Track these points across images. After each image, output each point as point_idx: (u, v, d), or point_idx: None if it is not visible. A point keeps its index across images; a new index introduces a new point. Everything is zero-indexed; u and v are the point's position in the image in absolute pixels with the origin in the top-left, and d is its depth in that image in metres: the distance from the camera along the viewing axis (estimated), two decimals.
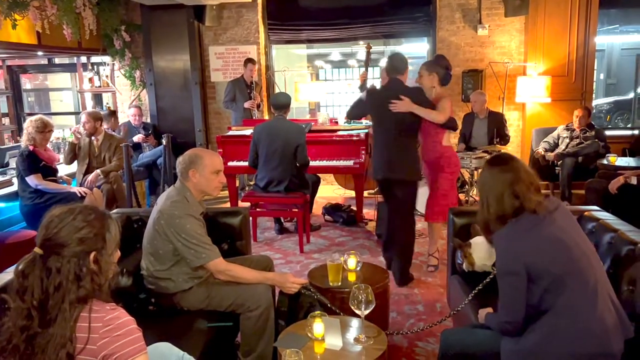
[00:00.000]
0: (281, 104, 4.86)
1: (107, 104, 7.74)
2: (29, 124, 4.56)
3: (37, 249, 1.49)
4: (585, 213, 2.88)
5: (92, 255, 1.50)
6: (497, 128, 6.06)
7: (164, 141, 5.63)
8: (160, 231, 2.57)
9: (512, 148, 6.93)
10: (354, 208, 5.73)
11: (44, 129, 4.57)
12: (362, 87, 6.70)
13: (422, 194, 5.10)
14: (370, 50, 6.86)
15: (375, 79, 10.05)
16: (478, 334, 2.17)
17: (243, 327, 2.62)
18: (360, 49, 11.87)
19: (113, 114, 6.41)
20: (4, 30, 5.09)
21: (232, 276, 2.61)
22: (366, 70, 6.84)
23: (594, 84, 8.33)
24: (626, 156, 6.17)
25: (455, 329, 2.67)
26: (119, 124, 6.56)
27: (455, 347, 2.12)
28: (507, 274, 1.93)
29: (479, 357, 2.09)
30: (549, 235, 1.93)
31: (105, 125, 6.08)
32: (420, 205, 5.72)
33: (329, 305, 2.59)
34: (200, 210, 2.69)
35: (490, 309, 2.25)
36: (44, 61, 7.88)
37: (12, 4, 4.96)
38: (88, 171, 5.17)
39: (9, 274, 2.12)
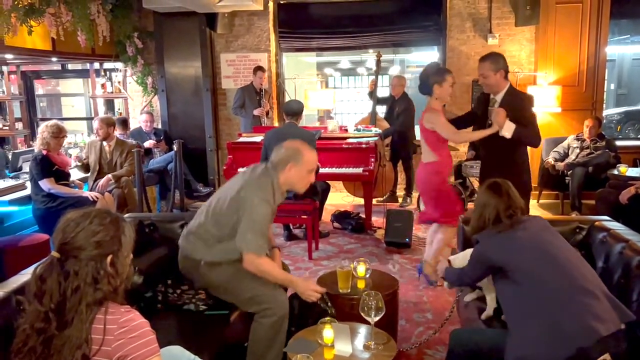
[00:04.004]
0: (293, 110, 4.89)
1: (119, 109, 7.81)
2: (44, 129, 4.62)
3: (54, 253, 1.52)
4: (596, 223, 2.88)
5: (109, 258, 1.53)
6: None
7: (174, 147, 5.67)
8: (236, 199, 2.55)
9: None
10: (363, 215, 5.74)
11: (59, 134, 4.64)
12: (372, 94, 6.77)
13: None
14: (381, 58, 6.91)
15: (384, 87, 10.08)
16: (486, 333, 2.33)
17: (253, 334, 2.59)
18: (369, 57, 11.93)
19: (124, 122, 6.47)
20: (20, 37, 5.17)
21: (261, 270, 2.56)
22: (376, 78, 6.90)
23: (605, 94, 8.30)
24: (637, 167, 6.14)
25: (464, 328, 2.71)
26: (128, 131, 6.61)
27: (464, 345, 2.23)
28: (474, 261, 2.31)
29: (486, 355, 2.17)
30: (519, 238, 2.19)
31: (117, 131, 6.16)
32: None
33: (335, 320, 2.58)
34: (280, 201, 2.70)
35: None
36: (58, 67, 7.99)
37: (29, 11, 5.04)
38: (99, 176, 5.23)
39: (22, 277, 2.15)
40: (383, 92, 7.54)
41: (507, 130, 3.50)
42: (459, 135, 3.80)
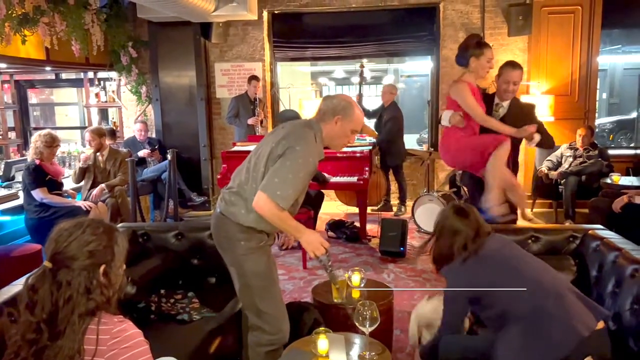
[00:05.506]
0: (287, 117, 4.91)
1: (113, 119, 7.80)
2: (37, 138, 4.60)
3: (47, 263, 1.50)
4: (589, 232, 2.89)
5: (102, 268, 1.51)
6: None
7: (168, 156, 5.66)
8: (276, 149, 2.32)
9: None
10: (358, 224, 5.73)
11: (52, 143, 4.62)
12: None
13: (429, 208, 5.12)
14: (363, 69, 6.98)
15: (377, 97, 10.12)
16: (474, 339, 2.40)
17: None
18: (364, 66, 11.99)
19: (113, 133, 6.44)
20: (14, 46, 5.16)
21: (276, 215, 2.27)
22: (360, 88, 6.93)
23: (597, 103, 8.37)
24: (629, 175, 6.18)
25: (454, 335, 2.72)
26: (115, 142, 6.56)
27: (453, 352, 2.25)
28: (451, 301, 2.25)
29: None
30: (484, 260, 2.21)
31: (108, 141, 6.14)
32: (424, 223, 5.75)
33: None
34: (322, 157, 2.45)
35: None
36: (51, 76, 7.97)
37: (23, 20, 5.04)
38: (93, 185, 5.21)
39: (14, 287, 2.14)
40: (377, 102, 7.56)
41: (535, 141, 3.57)
42: (487, 121, 3.53)
